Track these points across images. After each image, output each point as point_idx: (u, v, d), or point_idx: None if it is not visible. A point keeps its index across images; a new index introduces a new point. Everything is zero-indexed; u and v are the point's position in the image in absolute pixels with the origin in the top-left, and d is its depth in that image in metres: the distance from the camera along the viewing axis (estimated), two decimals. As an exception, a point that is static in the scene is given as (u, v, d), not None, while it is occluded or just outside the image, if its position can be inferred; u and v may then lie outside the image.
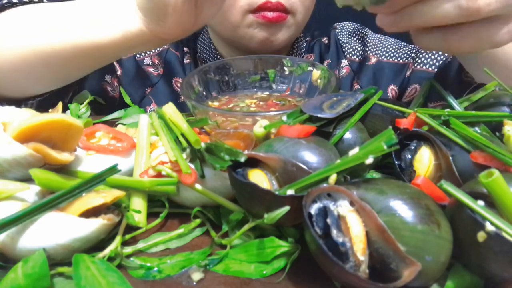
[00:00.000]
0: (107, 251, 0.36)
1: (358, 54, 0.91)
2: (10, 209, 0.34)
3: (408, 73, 0.85)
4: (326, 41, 0.94)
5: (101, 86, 0.81)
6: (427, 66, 0.82)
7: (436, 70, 0.80)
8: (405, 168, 0.41)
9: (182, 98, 0.86)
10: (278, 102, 0.64)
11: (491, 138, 0.39)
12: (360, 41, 0.92)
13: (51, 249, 0.34)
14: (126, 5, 0.55)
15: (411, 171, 0.40)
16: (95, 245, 0.37)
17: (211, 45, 0.89)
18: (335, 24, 0.96)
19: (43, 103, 0.66)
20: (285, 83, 0.68)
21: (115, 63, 0.83)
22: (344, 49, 0.92)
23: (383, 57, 0.88)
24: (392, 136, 0.34)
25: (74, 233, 0.34)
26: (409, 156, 0.41)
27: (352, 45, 0.92)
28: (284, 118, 0.44)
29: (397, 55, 0.88)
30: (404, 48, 0.88)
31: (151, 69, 0.86)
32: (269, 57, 0.68)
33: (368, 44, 0.90)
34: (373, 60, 0.88)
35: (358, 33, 0.94)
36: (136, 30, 0.54)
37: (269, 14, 0.74)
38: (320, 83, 0.63)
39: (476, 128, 0.42)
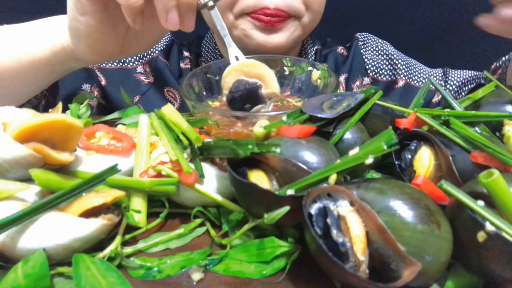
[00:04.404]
0: (107, 251, 0.36)
1: (384, 74, 0.90)
2: (10, 209, 0.34)
3: (437, 99, 0.86)
4: (342, 51, 0.92)
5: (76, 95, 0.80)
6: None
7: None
8: (405, 168, 0.41)
9: (176, 106, 0.86)
10: (276, 103, 0.64)
11: (491, 138, 0.39)
12: (386, 61, 0.91)
13: (51, 249, 0.34)
14: (61, 22, 0.57)
15: (411, 171, 0.40)
16: (95, 245, 0.37)
17: (217, 50, 0.88)
18: (357, 34, 0.94)
19: None
20: (285, 83, 0.68)
21: (97, 72, 0.82)
22: (367, 66, 0.90)
23: (411, 80, 0.88)
24: (392, 136, 0.34)
25: (74, 233, 0.34)
26: (409, 156, 0.41)
27: (376, 63, 0.90)
28: (284, 118, 0.44)
29: (426, 81, 0.88)
30: (434, 74, 0.89)
31: (142, 77, 0.85)
32: (269, 57, 0.68)
33: (397, 67, 0.90)
34: (400, 83, 0.88)
35: (383, 49, 0.92)
36: (60, 45, 0.57)
37: (266, 18, 0.73)
38: (320, 83, 0.63)
39: (476, 128, 0.43)
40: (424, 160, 0.40)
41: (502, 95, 0.48)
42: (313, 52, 0.91)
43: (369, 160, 0.33)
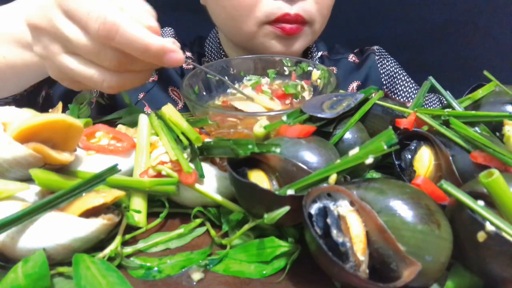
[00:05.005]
0: (107, 251, 0.36)
1: (398, 94, 0.93)
2: (10, 209, 0.34)
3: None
4: (354, 59, 0.93)
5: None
6: None
7: None
8: (405, 168, 0.41)
9: (179, 105, 0.86)
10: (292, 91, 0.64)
11: (491, 138, 0.39)
12: (400, 82, 0.94)
13: (51, 249, 0.34)
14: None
15: (411, 171, 0.40)
16: (95, 245, 0.37)
17: (221, 50, 0.87)
18: (374, 47, 0.95)
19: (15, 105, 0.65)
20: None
21: None
22: (384, 81, 0.92)
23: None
24: (392, 136, 0.34)
25: (74, 233, 0.34)
26: (409, 156, 0.41)
27: (392, 82, 0.93)
28: (284, 118, 0.44)
29: (431, 106, 0.92)
30: (430, 98, 0.92)
31: None
32: (269, 57, 0.68)
33: (405, 91, 0.93)
34: (409, 104, 0.91)
35: (399, 71, 0.94)
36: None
37: (287, 27, 0.72)
38: (320, 83, 0.63)
39: (476, 128, 0.43)
40: (424, 160, 0.40)
41: (502, 95, 0.48)
42: (318, 56, 0.91)
43: (369, 160, 0.33)
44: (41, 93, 0.71)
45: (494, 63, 1.16)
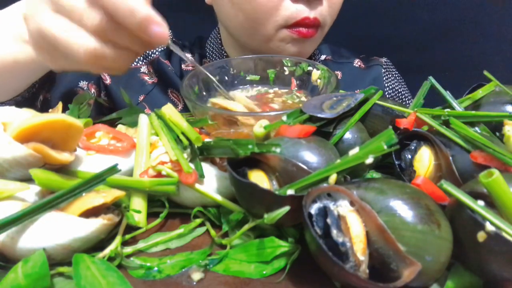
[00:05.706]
0: (107, 251, 0.36)
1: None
2: (10, 209, 0.34)
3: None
4: (359, 64, 0.94)
5: (74, 92, 0.78)
6: None
7: None
8: (405, 168, 0.41)
9: (179, 107, 0.86)
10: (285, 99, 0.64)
11: (491, 138, 0.39)
12: (402, 97, 0.95)
13: (51, 249, 0.34)
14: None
15: (411, 171, 0.40)
16: (95, 245, 0.37)
17: (223, 51, 0.87)
18: (382, 60, 0.95)
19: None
20: (285, 83, 0.68)
21: None
22: (388, 95, 0.93)
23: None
24: (392, 136, 0.34)
25: (74, 233, 0.34)
26: (409, 156, 0.41)
27: (395, 96, 0.94)
28: (284, 118, 0.44)
29: None
30: None
31: (146, 77, 0.85)
32: (269, 57, 0.68)
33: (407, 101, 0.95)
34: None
35: (403, 87, 0.95)
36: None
37: (304, 30, 0.73)
38: (320, 83, 0.63)
39: (476, 128, 0.43)
40: (424, 160, 0.40)
41: (502, 95, 0.48)
42: (321, 60, 0.91)
43: (369, 160, 0.33)
44: (39, 98, 0.71)
45: (495, 63, 1.16)
